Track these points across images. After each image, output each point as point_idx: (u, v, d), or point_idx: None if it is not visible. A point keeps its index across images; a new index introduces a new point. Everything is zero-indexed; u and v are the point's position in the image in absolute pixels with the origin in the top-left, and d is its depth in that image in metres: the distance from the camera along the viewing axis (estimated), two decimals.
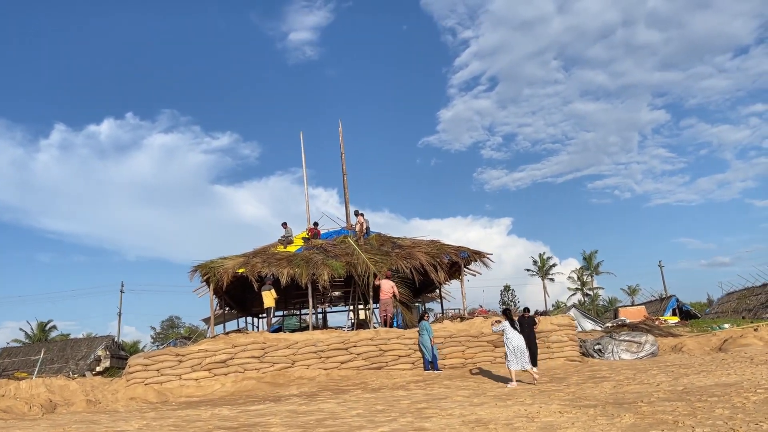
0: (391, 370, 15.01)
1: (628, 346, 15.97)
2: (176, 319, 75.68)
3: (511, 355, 12.23)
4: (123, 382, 14.58)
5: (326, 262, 18.42)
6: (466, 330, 15.62)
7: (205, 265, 18.06)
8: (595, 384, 11.19)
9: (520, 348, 12.15)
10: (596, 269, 70.25)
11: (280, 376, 14.69)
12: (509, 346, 12.26)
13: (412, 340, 15.40)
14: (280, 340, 15.20)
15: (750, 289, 43.43)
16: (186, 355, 14.79)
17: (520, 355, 12.14)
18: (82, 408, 12.13)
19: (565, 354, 15.44)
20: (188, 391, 14.26)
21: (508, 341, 12.26)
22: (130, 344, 59.52)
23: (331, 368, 14.97)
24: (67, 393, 13.71)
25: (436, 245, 19.46)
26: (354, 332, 15.80)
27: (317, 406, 10.54)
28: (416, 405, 9.92)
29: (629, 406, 8.45)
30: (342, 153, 24.51)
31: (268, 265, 18.30)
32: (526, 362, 12.19)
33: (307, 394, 12.70)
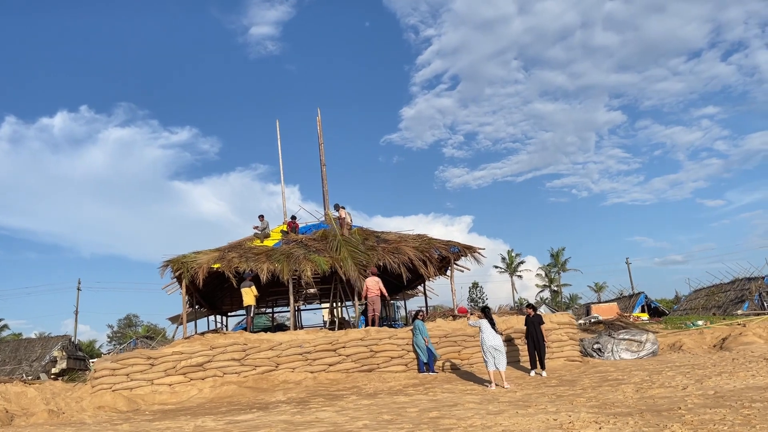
0: (383, 372, 14.00)
1: (628, 345, 15.34)
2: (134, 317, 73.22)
3: (486, 355, 11.62)
4: (88, 388, 13.21)
5: (308, 257, 17.30)
6: (462, 329, 14.72)
7: (177, 260, 16.71)
8: (613, 387, 10.40)
9: (496, 348, 11.58)
10: (563, 266, 70.63)
11: (263, 380, 13.53)
12: (484, 346, 11.68)
13: (404, 340, 14.42)
14: (263, 341, 14.03)
15: (718, 285, 43.84)
16: (158, 357, 13.49)
17: (497, 356, 11.56)
18: (44, 419, 10.75)
19: (566, 354, 14.70)
20: (162, 397, 12.98)
21: (484, 340, 11.65)
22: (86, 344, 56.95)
23: (319, 371, 13.87)
24: (25, 401, 12.31)
25: (424, 239, 18.53)
26: (342, 332, 14.73)
27: (314, 416, 9.47)
28: (427, 414, 8.95)
29: (669, 414, 7.65)
30: (321, 143, 23.39)
31: (246, 260, 17.06)
32: (501, 364, 11.52)
33: (297, 401, 11.59)
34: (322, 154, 23.27)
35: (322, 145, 23.45)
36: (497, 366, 11.46)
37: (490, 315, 12.00)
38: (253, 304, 16.39)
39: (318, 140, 23.75)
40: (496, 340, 11.55)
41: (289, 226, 20.92)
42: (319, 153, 23.56)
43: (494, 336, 11.56)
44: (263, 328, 25.85)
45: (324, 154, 23.26)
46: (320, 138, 23.52)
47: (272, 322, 29.23)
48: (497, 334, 11.70)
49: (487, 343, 11.54)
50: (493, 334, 11.58)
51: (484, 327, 11.66)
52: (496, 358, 11.47)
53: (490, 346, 11.50)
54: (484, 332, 11.60)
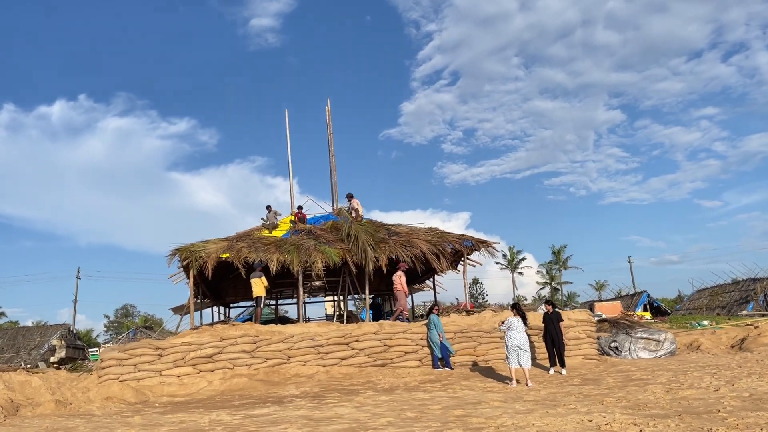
0: (396, 367, 13.66)
1: (645, 344, 15.02)
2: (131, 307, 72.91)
3: (510, 352, 11.35)
4: (94, 378, 12.85)
5: (319, 248, 16.92)
6: (478, 324, 14.38)
7: (185, 248, 16.32)
8: (640, 388, 10.06)
9: (520, 347, 11.27)
10: (564, 264, 70.35)
11: (274, 373, 13.19)
12: (508, 344, 11.39)
13: (419, 335, 14.08)
14: (274, 333, 13.69)
15: (722, 286, 43.59)
16: (167, 348, 13.14)
17: (521, 354, 11.27)
18: (51, 410, 10.40)
19: (583, 352, 14.37)
20: (170, 389, 12.64)
21: (509, 339, 11.35)
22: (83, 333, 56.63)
23: (331, 365, 13.53)
24: (29, 390, 11.93)
25: (436, 233, 18.16)
26: (355, 325, 14.39)
27: (333, 411, 9.13)
28: (451, 412, 8.61)
29: (709, 417, 7.31)
30: (330, 134, 22.99)
31: (255, 250, 16.69)
32: (526, 361, 11.22)
33: (311, 395, 11.26)
34: (332, 145, 22.89)
35: (332, 135, 23.07)
36: (521, 363, 11.13)
37: (521, 311, 11.68)
38: (263, 296, 16.03)
39: (327, 131, 23.37)
40: (522, 339, 11.23)
41: (297, 216, 20.55)
42: (328, 144, 23.19)
43: (520, 335, 11.24)
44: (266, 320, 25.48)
45: (333, 145, 22.88)
46: (329, 128, 23.13)
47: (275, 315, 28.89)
48: (525, 332, 11.38)
49: (511, 342, 11.23)
50: (519, 333, 11.27)
51: (513, 325, 11.33)
52: (519, 356, 11.15)
53: (514, 345, 11.18)
54: (511, 331, 11.29)
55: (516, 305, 12.02)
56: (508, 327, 11.35)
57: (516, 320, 11.39)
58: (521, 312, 11.62)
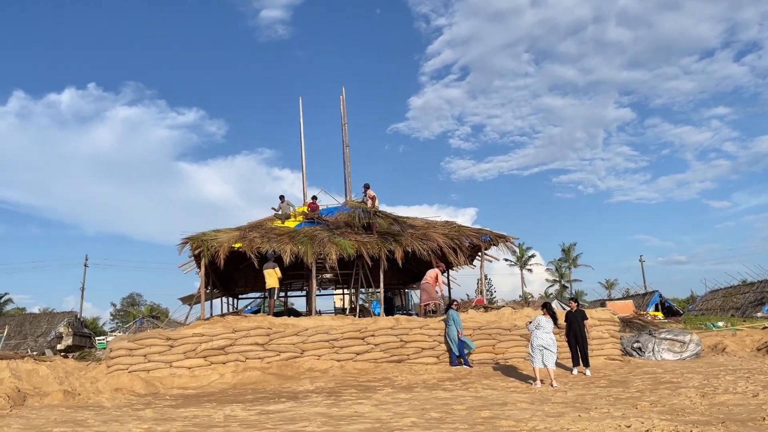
0: (413, 363, 13.26)
1: (670, 345, 14.57)
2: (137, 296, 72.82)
3: (534, 351, 10.94)
4: (103, 368, 12.52)
5: (333, 240, 16.53)
6: (497, 321, 13.96)
7: (197, 237, 15.96)
8: (672, 391, 9.63)
9: (545, 347, 10.86)
10: (574, 261, 69.79)
11: (287, 367, 12.82)
12: (533, 343, 10.99)
13: (436, 330, 13.67)
14: (287, 326, 13.31)
15: (736, 287, 42.98)
16: (178, 339, 12.78)
17: (546, 354, 10.86)
18: (59, 400, 10.06)
19: (606, 352, 13.93)
20: (181, 381, 12.29)
21: (534, 338, 10.94)
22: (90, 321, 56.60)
23: (346, 359, 13.15)
24: (37, 379, 11.62)
25: (453, 227, 17.73)
26: (371, 319, 14.00)
27: (352, 409, 8.74)
28: (477, 413, 8.20)
29: (755, 426, 6.88)
30: (345, 123, 22.54)
31: (268, 240, 16.32)
32: (550, 361, 10.80)
33: (327, 391, 10.88)
34: (346, 135, 22.46)
35: (346, 125, 22.62)
36: (545, 363, 10.72)
37: (552, 311, 11.25)
38: (276, 287, 15.64)
39: (341, 120, 22.93)
40: (548, 339, 10.80)
41: (310, 207, 20.15)
42: (342, 133, 22.77)
43: (547, 335, 10.82)
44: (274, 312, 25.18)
45: (347, 135, 22.45)
46: (344, 118, 22.69)
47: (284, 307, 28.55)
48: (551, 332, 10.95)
49: (536, 341, 10.81)
50: (546, 333, 10.84)
51: (542, 324, 10.91)
52: (544, 356, 10.74)
53: (539, 345, 10.76)
54: (538, 330, 10.87)
55: (547, 305, 11.58)
56: (536, 326, 10.92)
57: (545, 320, 10.96)
58: (552, 312, 11.19)
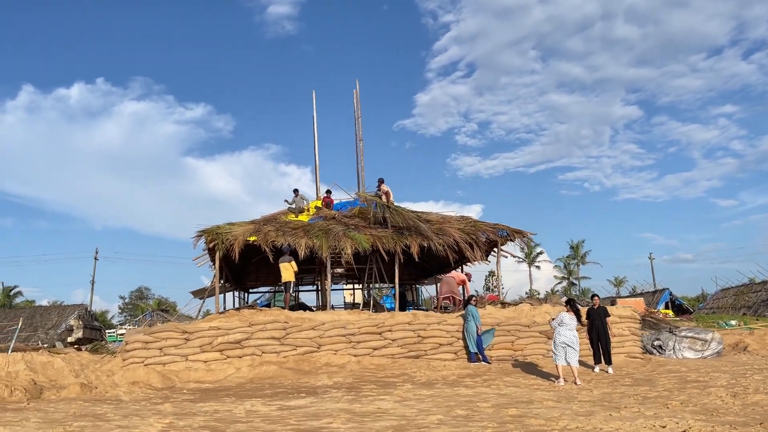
0: (431, 359, 13.09)
1: (691, 343, 14.33)
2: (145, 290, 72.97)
3: (557, 349, 10.72)
4: (119, 361, 12.41)
5: (348, 234, 16.34)
6: (516, 318, 13.76)
7: (212, 230, 15.80)
8: (701, 391, 9.40)
9: (568, 344, 10.63)
10: (583, 258, 69.41)
11: (304, 361, 12.66)
12: (556, 340, 10.76)
13: (455, 326, 13.48)
14: (304, 320, 13.15)
15: (748, 285, 42.55)
16: (194, 332, 12.66)
17: (569, 351, 10.64)
18: (75, 393, 9.94)
19: (626, 350, 13.69)
20: (197, 375, 12.16)
21: (558, 335, 10.71)
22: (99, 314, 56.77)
23: (363, 355, 12.99)
24: (52, 372, 11.51)
25: (469, 222, 17.51)
26: (388, 314, 13.81)
27: (375, 405, 8.56)
28: (504, 411, 8.00)
29: None
30: (359, 117, 22.35)
31: (283, 234, 16.15)
32: (573, 359, 10.58)
33: (346, 386, 10.71)
34: (359, 129, 22.27)
35: (360, 119, 22.44)
36: (568, 361, 10.52)
37: (576, 307, 11.03)
38: (292, 281, 15.47)
39: (354, 114, 22.75)
40: (571, 336, 10.59)
41: (324, 201, 19.99)
42: (355, 127, 22.58)
43: (570, 332, 10.61)
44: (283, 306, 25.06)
45: (361, 129, 22.26)
46: (357, 111, 22.49)
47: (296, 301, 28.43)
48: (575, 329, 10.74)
49: (559, 338, 10.60)
50: (569, 330, 10.63)
51: (565, 321, 10.70)
52: (567, 353, 10.53)
53: (562, 342, 10.56)
54: (561, 327, 10.66)
55: (571, 301, 11.36)
56: (559, 323, 10.71)
57: (569, 316, 10.75)
58: (575, 308, 10.97)
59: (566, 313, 10.81)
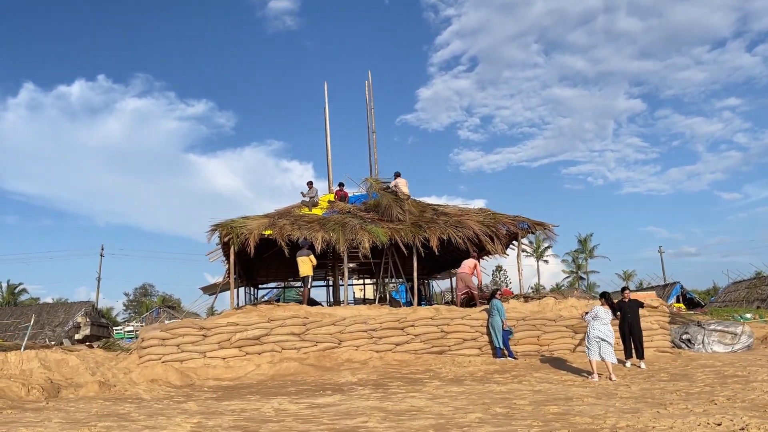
0: (455, 355, 12.74)
1: (720, 336, 13.98)
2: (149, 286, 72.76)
3: (591, 343, 10.35)
4: (135, 358, 12.09)
5: (365, 227, 15.99)
6: (541, 312, 13.40)
7: (226, 224, 15.47)
8: (743, 386, 9.04)
9: (603, 338, 10.27)
10: (591, 252, 68.98)
11: (325, 357, 12.33)
12: (590, 335, 10.39)
13: (479, 321, 13.13)
14: (324, 316, 12.82)
15: (761, 278, 42.14)
16: (212, 328, 12.32)
17: (603, 345, 10.27)
18: (94, 392, 9.61)
19: (656, 344, 13.33)
20: (216, 372, 11.83)
21: (591, 329, 10.33)
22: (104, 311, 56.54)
23: (385, 350, 12.65)
24: (67, 370, 11.20)
25: (488, 214, 17.15)
26: (410, 309, 13.47)
27: (407, 403, 8.22)
28: (545, 408, 7.65)
29: None
30: (371, 108, 21.96)
31: (298, 227, 15.81)
32: (608, 354, 10.22)
33: (372, 383, 10.37)
34: (372, 121, 21.88)
35: (372, 110, 22.04)
36: (602, 356, 10.16)
37: (611, 301, 10.67)
38: (310, 275, 15.09)
39: (366, 106, 22.36)
40: (606, 330, 10.23)
41: (338, 195, 19.64)
42: (367, 119, 22.20)
43: (605, 326, 10.25)
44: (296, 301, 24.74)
45: (374, 121, 21.87)
46: (370, 103, 22.10)
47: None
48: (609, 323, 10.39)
49: (593, 332, 10.24)
50: (604, 324, 10.28)
51: (599, 315, 10.34)
52: (601, 348, 10.18)
53: (596, 336, 10.20)
54: (595, 321, 10.31)
55: (605, 294, 11.00)
56: (593, 317, 10.36)
57: (603, 310, 10.39)
58: (611, 302, 10.60)
59: (601, 307, 10.45)
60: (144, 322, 44.49)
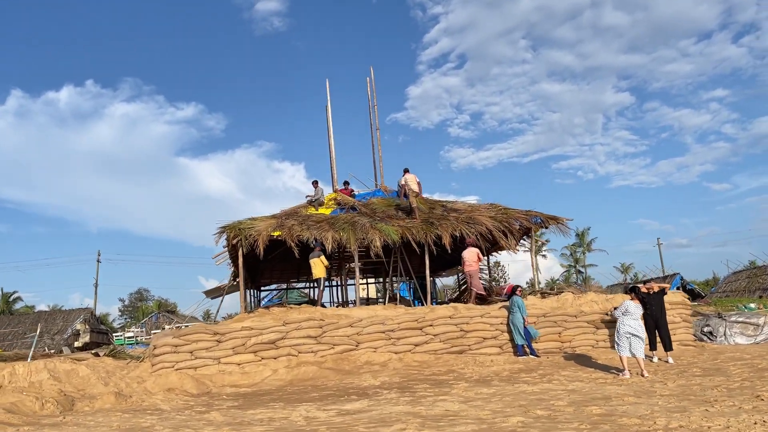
0: (476, 354, 12.44)
1: (742, 328, 13.76)
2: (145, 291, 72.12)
3: (621, 339, 10.03)
4: (147, 366, 11.71)
5: (375, 225, 15.66)
6: (561, 308, 13.11)
7: (234, 226, 15.10)
8: None
9: (633, 333, 9.97)
10: (588, 246, 68.87)
11: (343, 360, 12.00)
12: (620, 330, 10.07)
13: (498, 319, 12.83)
14: (341, 317, 12.47)
15: (761, 267, 42.11)
16: (226, 333, 11.96)
17: (634, 341, 9.98)
18: (110, 404, 9.23)
19: (679, 337, 13.05)
20: (232, 378, 11.48)
21: (622, 324, 10.03)
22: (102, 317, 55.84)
23: (403, 351, 12.33)
24: (78, 381, 10.83)
25: (499, 209, 16.84)
26: (428, 308, 13.15)
27: (440, 407, 7.90)
28: (586, 409, 7.35)
29: None
30: (374, 105, 21.62)
31: (308, 228, 15.45)
32: (638, 350, 9.93)
33: (397, 386, 10.04)
34: (376, 118, 21.53)
35: (375, 107, 21.70)
36: (633, 352, 9.87)
37: (641, 294, 10.38)
38: (323, 276, 14.72)
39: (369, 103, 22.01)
40: (636, 325, 9.94)
41: (345, 193, 19.29)
42: (370, 116, 21.85)
43: (635, 321, 9.97)
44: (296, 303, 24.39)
45: (377, 118, 21.52)
46: (373, 99, 21.75)
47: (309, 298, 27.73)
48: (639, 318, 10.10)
49: (623, 328, 9.95)
50: (634, 319, 10.00)
51: (630, 310, 10.05)
52: (631, 344, 9.89)
53: (626, 332, 9.91)
54: (625, 316, 10.02)
55: (635, 288, 10.70)
56: (623, 312, 10.07)
57: (634, 305, 10.10)
58: (641, 296, 10.31)
59: (631, 302, 10.17)
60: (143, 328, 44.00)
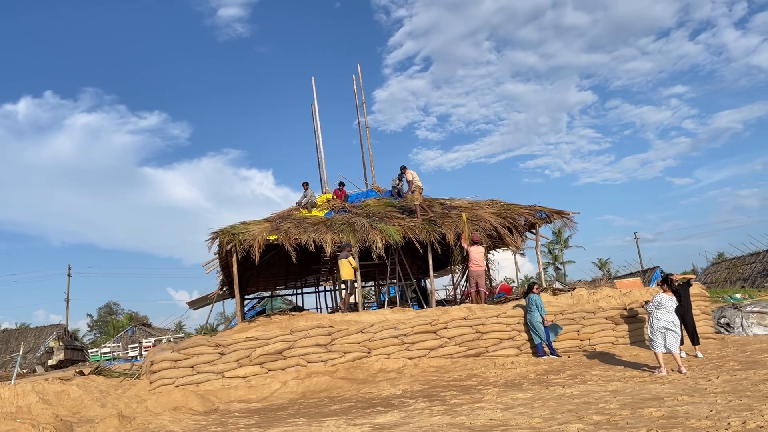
0: (494, 357, 11.87)
1: (759, 318, 13.47)
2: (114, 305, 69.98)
3: (655, 335, 9.54)
4: (145, 384, 10.86)
5: (376, 226, 15.02)
6: (578, 304, 12.62)
7: (227, 231, 14.30)
8: None
9: (668, 328, 9.47)
10: (566, 243, 69.22)
11: (355, 369, 11.30)
12: (653, 325, 9.58)
13: (515, 319, 12.28)
14: (350, 323, 11.78)
15: (740, 258, 42.63)
16: (229, 345, 11.17)
17: (669, 336, 9.47)
18: (114, 428, 8.37)
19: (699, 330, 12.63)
20: (238, 393, 10.68)
21: (655, 319, 9.53)
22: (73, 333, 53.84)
23: (418, 357, 11.70)
24: (70, 403, 9.94)
25: (501, 205, 16.35)
26: (441, 310, 12.53)
27: (483, 416, 7.27)
28: (643, 411, 6.80)
29: None
30: (363, 103, 21.02)
31: (304, 230, 14.73)
32: (674, 345, 9.45)
33: (421, 394, 9.38)
34: (365, 116, 20.93)
35: (364, 105, 21.09)
36: (669, 347, 9.39)
37: (674, 287, 9.90)
38: (351, 279, 13.80)
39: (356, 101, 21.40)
40: (670, 319, 9.45)
41: (337, 194, 18.62)
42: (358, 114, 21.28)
43: (670, 315, 9.47)
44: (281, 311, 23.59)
45: (366, 116, 20.90)
46: (362, 97, 21.15)
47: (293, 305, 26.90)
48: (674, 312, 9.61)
49: (657, 323, 9.45)
50: (669, 313, 9.50)
51: (664, 303, 9.55)
52: (666, 339, 9.40)
53: (661, 327, 9.42)
54: (659, 310, 9.52)
55: (667, 280, 10.20)
56: (656, 305, 9.57)
57: (667, 298, 9.60)
58: (674, 288, 9.84)
59: (664, 294, 9.68)
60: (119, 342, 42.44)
